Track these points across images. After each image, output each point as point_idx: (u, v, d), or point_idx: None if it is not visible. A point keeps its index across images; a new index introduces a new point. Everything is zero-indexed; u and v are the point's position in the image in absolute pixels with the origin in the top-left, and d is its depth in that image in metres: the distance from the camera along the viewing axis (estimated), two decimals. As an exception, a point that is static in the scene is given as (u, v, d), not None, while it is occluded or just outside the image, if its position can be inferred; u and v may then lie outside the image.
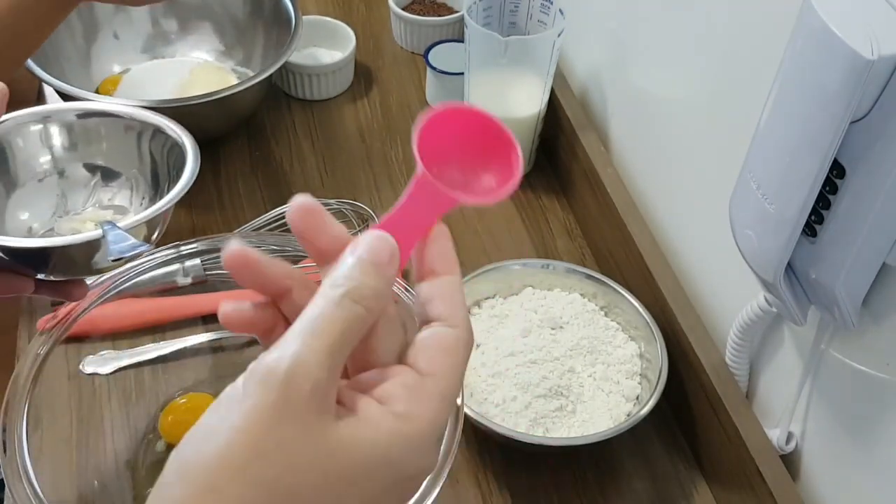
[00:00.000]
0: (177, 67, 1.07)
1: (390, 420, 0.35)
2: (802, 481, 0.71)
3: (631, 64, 0.92)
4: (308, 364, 0.33)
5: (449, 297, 0.39)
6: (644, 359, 0.80)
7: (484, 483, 0.76)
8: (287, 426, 0.33)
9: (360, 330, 0.36)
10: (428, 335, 0.38)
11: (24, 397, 0.65)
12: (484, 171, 0.41)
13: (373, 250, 0.37)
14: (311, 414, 0.33)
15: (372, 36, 1.20)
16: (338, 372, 0.35)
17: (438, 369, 0.37)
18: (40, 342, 0.68)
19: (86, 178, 0.74)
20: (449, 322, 0.38)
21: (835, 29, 0.48)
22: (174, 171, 0.71)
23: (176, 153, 0.72)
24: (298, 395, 0.33)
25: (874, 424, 0.62)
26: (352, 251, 0.37)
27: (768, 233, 0.58)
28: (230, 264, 0.37)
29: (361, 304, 0.35)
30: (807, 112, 0.52)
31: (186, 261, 0.77)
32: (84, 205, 0.74)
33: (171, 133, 0.73)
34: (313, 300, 0.36)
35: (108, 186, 0.75)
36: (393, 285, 0.38)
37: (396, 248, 0.38)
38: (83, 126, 0.74)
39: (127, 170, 0.75)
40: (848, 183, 0.53)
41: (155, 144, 0.74)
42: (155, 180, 0.74)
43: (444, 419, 0.37)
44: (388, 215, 0.39)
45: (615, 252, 0.90)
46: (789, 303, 0.61)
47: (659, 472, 0.78)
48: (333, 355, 0.34)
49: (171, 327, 0.82)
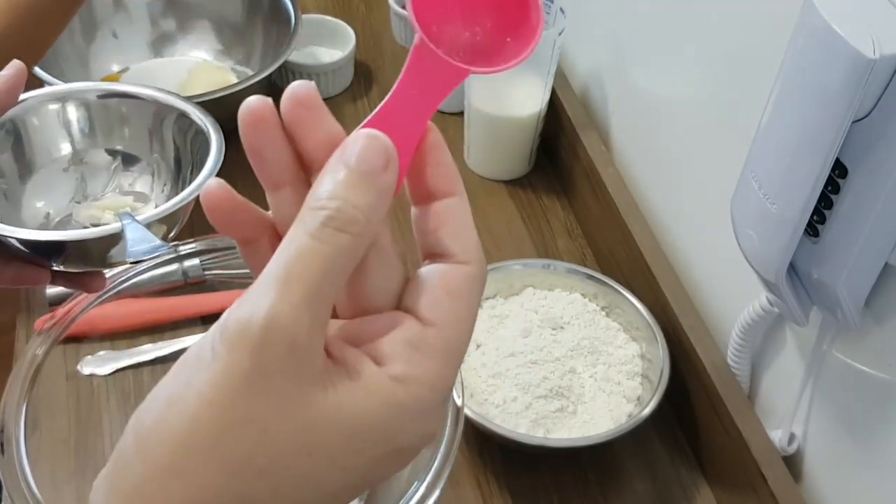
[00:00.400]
0: (176, 67, 1.07)
1: (386, 384, 0.30)
2: (805, 483, 0.71)
3: (632, 63, 0.91)
4: (284, 319, 0.28)
5: (455, 225, 0.32)
6: (645, 359, 0.79)
7: (484, 484, 0.76)
8: (261, 396, 0.28)
9: (349, 264, 0.30)
10: (432, 274, 0.32)
11: (22, 398, 0.65)
12: (496, 29, 0.33)
13: (362, 154, 0.30)
14: (288, 379, 0.29)
15: (372, 35, 1.20)
16: (322, 322, 0.29)
17: (444, 317, 0.31)
18: (38, 342, 0.68)
19: (106, 161, 0.71)
20: (457, 257, 0.32)
21: (836, 28, 0.48)
22: (198, 158, 0.68)
23: (200, 140, 0.69)
24: (273, 359, 0.28)
25: (877, 425, 0.61)
26: (337, 158, 0.30)
27: (770, 233, 0.57)
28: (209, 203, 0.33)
29: (347, 231, 0.29)
30: (808, 111, 0.51)
31: (185, 261, 0.76)
32: (104, 190, 0.71)
33: (196, 119, 0.70)
34: (291, 230, 0.30)
35: (129, 171, 0.72)
36: (390, 198, 0.31)
37: (392, 148, 0.31)
38: (104, 107, 0.71)
39: (148, 155, 0.72)
40: (850, 183, 0.53)
41: (178, 130, 0.71)
42: (178, 167, 0.71)
43: (450, 378, 0.32)
44: (381, 106, 0.32)
45: (616, 252, 0.90)
46: (791, 303, 0.61)
47: (660, 474, 0.78)
48: (314, 304, 0.29)
49: (169, 328, 0.82)
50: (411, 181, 0.33)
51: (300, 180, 0.33)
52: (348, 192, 0.30)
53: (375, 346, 0.31)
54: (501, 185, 1.01)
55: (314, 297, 0.29)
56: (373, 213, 0.30)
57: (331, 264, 0.29)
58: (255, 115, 0.32)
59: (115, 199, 0.71)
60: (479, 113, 0.98)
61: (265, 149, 0.32)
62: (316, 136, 0.32)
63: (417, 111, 0.32)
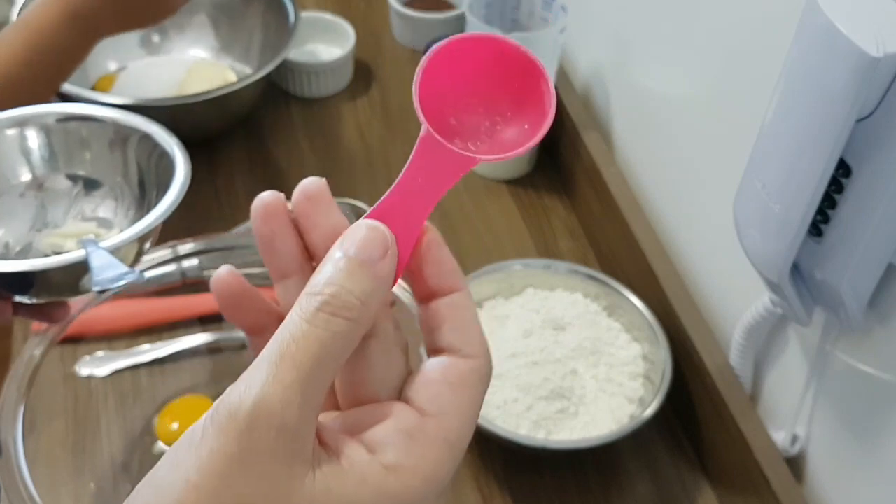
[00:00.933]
0: (174, 65, 1.06)
1: (378, 473, 0.30)
2: (807, 484, 0.70)
3: (634, 62, 0.91)
4: (274, 402, 0.28)
5: (459, 321, 0.33)
6: (647, 360, 0.79)
7: (485, 486, 0.76)
8: (247, 480, 0.28)
9: (344, 350, 0.30)
10: (434, 367, 0.32)
11: (20, 400, 0.65)
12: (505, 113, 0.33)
13: (360, 244, 0.31)
14: (277, 464, 0.28)
15: (371, 33, 1.19)
16: (314, 408, 0.29)
17: (443, 408, 0.31)
18: (36, 343, 0.67)
19: (67, 187, 0.69)
20: (462, 352, 0.32)
21: (840, 27, 0.48)
22: (163, 181, 0.66)
23: (165, 162, 0.67)
24: (262, 443, 0.28)
25: (880, 426, 0.61)
26: (337, 247, 0.31)
27: (773, 233, 0.57)
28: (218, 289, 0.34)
29: (342, 317, 0.29)
30: (812, 110, 0.51)
31: (183, 261, 0.76)
32: (65, 217, 0.69)
33: (160, 140, 0.67)
34: (288, 315, 0.30)
35: (91, 196, 0.69)
36: (389, 287, 0.31)
37: (390, 237, 0.31)
38: (64, 131, 0.69)
39: (111, 179, 0.70)
40: (854, 182, 0.52)
41: (142, 152, 0.69)
42: (142, 190, 0.69)
43: (445, 471, 0.31)
44: (385, 197, 0.32)
45: (618, 252, 0.89)
46: (794, 303, 0.61)
47: (662, 475, 0.78)
48: (306, 387, 0.29)
49: (167, 329, 0.82)
50: (413, 282, 0.34)
51: (306, 270, 0.34)
52: (345, 280, 0.30)
53: (370, 434, 0.31)
54: (502, 185, 1.01)
55: (306, 381, 0.29)
56: (369, 300, 0.30)
57: (325, 349, 0.29)
58: (269, 208, 0.33)
59: (76, 225, 0.68)
60: (479, 112, 0.97)
61: (276, 240, 0.34)
62: (322, 229, 0.33)
63: (422, 199, 0.32)
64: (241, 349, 0.80)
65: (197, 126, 0.98)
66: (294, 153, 1.03)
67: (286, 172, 1.01)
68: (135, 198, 0.69)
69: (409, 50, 1.18)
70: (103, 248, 0.58)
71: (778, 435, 0.70)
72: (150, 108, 0.92)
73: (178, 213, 0.94)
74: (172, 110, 0.92)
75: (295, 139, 1.05)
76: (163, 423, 0.75)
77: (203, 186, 0.97)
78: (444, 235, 0.33)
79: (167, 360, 0.80)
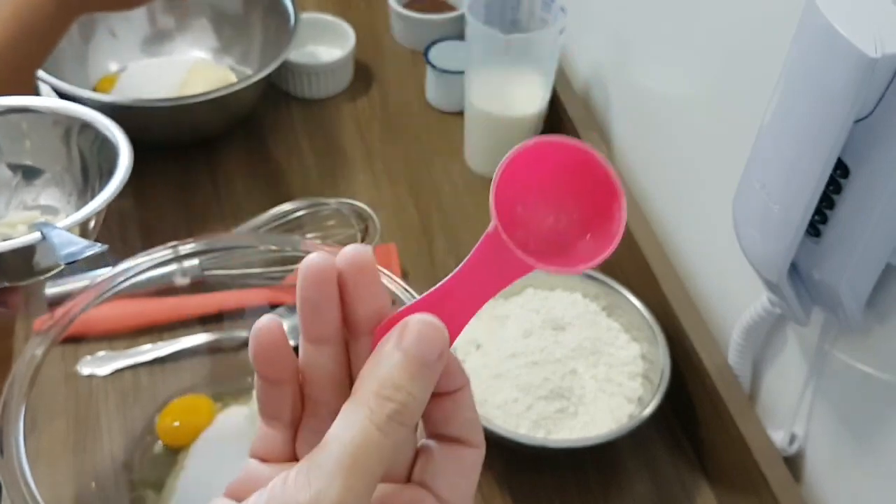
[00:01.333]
0: (174, 65, 1.06)
1: None
2: (806, 483, 0.71)
3: (634, 62, 0.91)
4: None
5: (467, 416, 0.34)
6: (646, 360, 0.79)
7: (485, 486, 0.76)
8: None
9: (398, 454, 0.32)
10: (448, 456, 0.34)
11: (21, 399, 0.65)
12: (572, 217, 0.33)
13: (422, 343, 0.31)
14: None
15: (371, 34, 1.19)
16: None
17: (460, 498, 0.33)
18: (37, 343, 0.67)
19: (7, 178, 0.69)
20: (469, 443, 0.34)
21: (839, 27, 0.48)
22: (105, 168, 0.66)
23: (107, 149, 0.67)
24: None
25: (879, 426, 0.61)
26: (396, 342, 0.31)
27: (772, 233, 0.57)
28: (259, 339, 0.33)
29: (407, 425, 0.30)
30: (811, 111, 0.51)
31: (184, 261, 0.76)
32: (6, 208, 0.69)
33: (101, 127, 0.68)
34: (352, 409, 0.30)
35: (32, 185, 0.70)
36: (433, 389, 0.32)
37: (448, 339, 0.31)
38: (5, 122, 0.69)
39: (51, 167, 0.70)
40: (852, 182, 0.52)
41: (83, 140, 0.69)
42: (85, 177, 0.69)
43: None
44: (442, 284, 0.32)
45: (617, 252, 0.89)
46: (793, 303, 0.61)
47: (661, 474, 0.78)
48: (371, 492, 0.30)
49: (168, 328, 0.82)
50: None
51: (341, 339, 0.34)
52: (411, 385, 0.30)
53: None
54: (502, 185, 1.01)
55: (371, 486, 0.30)
56: (423, 405, 0.31)
57: (389, 455, 0.30)
58: (321, 274, 0.32)
59: (20, 214, 0.68)
60: (479, 112, 0.98)
61: (322, 306, 0.33)
62: (368, 305, 0.33)
63: (476, 294, 0.32)
64: (241, 349, 0.80)
65: (197, 126, 0.98)
66: (294, 154, 1.03)
67: (286, 173, 1.01)
68: (77, 185, 0.69)
69: (408, 51, 1.18)
70: (60, 228, 0.58)
71: (776, 434, 0.70)
72: (151, 108, 0.92)
73: (179, 213, 0.94)
74: (173, 111, 0.93)
75: (295, 140, 1.05)
76: (163, 422, 0.75)
77: (203, 186, 0.97)
78: (444, 235, 0.34)
79: (168, 360, 0.80)
